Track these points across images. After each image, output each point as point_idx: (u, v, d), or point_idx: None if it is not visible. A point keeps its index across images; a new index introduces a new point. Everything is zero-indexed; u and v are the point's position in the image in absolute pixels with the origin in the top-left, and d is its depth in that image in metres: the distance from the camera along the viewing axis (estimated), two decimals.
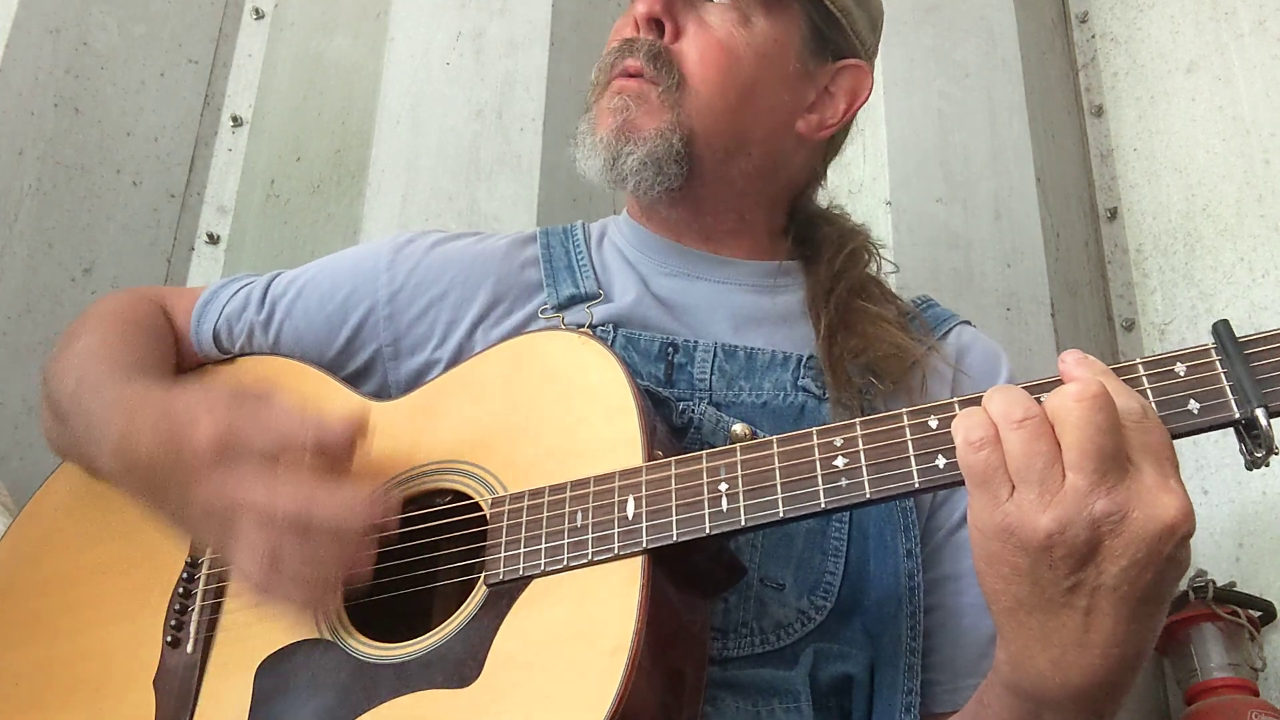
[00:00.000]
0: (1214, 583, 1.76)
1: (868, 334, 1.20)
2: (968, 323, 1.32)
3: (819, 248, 1.31)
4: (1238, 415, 0.79)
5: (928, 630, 1.12)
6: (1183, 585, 1.76)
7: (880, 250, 1.35)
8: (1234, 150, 2.06)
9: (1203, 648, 1.76)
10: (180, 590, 1.10)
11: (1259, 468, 0.80)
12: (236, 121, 2.37)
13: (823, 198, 1.43)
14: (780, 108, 1.27)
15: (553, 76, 2.11)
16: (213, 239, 2.27)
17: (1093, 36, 2.40)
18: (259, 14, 2.48)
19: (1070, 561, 0.77)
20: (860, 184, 2.05)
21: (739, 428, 1.10)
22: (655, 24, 1.23)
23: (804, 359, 1.19)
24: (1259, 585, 1.81)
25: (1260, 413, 0.77)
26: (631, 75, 1.22)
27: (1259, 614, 1.79)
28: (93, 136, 2.13)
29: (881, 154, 2.05)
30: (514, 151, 2.05)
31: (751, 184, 1.29)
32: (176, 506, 1.00)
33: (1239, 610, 1.76)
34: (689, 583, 0.95)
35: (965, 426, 0.80)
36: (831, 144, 1.38)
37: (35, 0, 2.04)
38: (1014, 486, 0.78)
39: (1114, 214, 2.23)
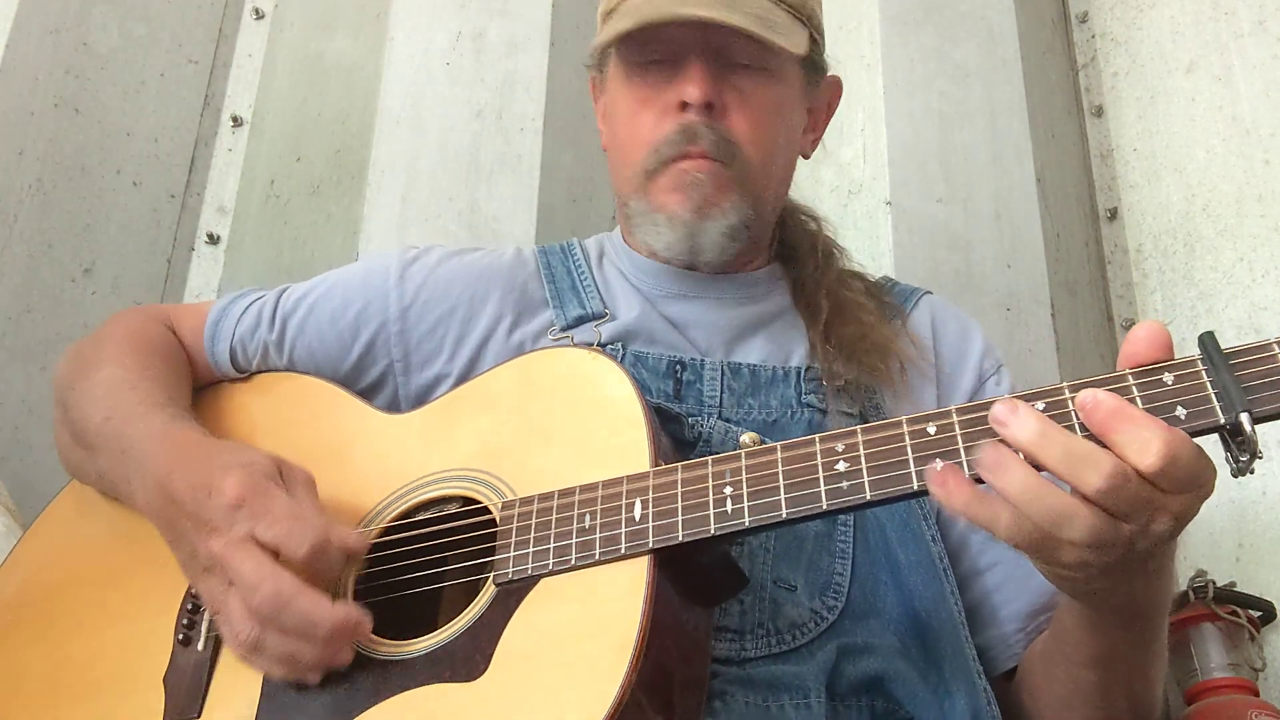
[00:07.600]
0: (1214, 583, 1.76)
1: (862, 321, 1.27)
2: (929, 293, 1.38)
3: (795, 246, 1.38)
4: (1223, 420, 0.81)
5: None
6: (1182, 585, 1.76)
7: (837, 235, 1.42)
8: (1234, 150, 2.06)
9: (1203, 648, 1.76)
10: (193, 590, 1.11)
11: (1243, 475, 0.82)
12: (236, 122, 2.37)
13: (819, 197, 1.45)
14: (795, 145, 1.36)
15: (553, 77, 2.11)
16: (213, 239, 2.27)
17: (1093, 36, 2.40)
18: (259, 14, 2.48)
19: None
20: (860, 184, 2.05)
21: (746, 437, 1.12)
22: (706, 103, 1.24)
23: (802, 371, 1.23)
24: (1259, 585, 1.81)
25: (1245, 418, 0.79)
26: (696, 158, 1.24)
27: (1259, 614, 1.79)
28: (93, 137, 2.13)
29: (881, 154, 2.05)
30: (514, 152, 2.05)
31: (773, 216, 1.36)
32: (187, 552, 1.06)
33: (1239, 610, 1.76)
34: (693, 587, 0.97)
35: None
36: None
37: (35, 0, 2.04)
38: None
39: (1114, 214, 2.23)
